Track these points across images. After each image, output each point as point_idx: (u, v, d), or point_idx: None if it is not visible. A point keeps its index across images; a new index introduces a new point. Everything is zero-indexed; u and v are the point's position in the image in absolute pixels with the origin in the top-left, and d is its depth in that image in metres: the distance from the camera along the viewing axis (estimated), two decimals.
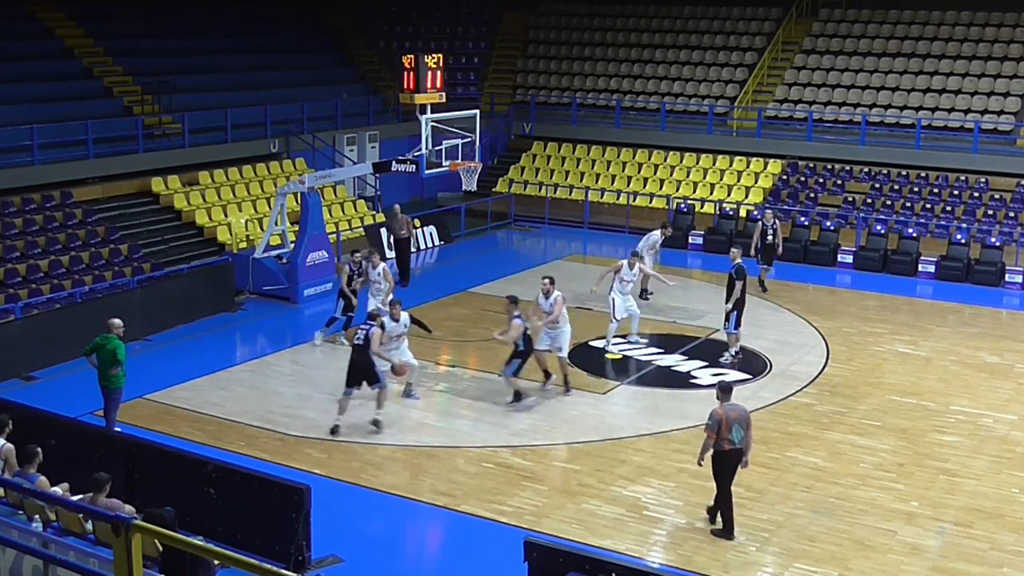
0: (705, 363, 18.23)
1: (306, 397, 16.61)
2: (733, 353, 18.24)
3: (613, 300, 18.84)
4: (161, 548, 8.65)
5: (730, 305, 18.01)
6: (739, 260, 18.23)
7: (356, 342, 15.07)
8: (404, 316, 16.11)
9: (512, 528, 12.27)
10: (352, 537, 12.27)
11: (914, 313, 21.99)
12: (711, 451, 12.09)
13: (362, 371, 14.99)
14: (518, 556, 9.95)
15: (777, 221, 22.81)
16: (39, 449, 10.50)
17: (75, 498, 10.12)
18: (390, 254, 25.90)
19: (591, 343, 19.13)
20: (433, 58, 20.73)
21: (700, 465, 12.27)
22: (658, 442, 15.00)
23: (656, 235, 22.05)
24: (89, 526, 9.64)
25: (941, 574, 11.63)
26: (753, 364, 18.25)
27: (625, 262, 19.06)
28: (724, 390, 12.32)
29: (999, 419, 16.01)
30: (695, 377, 17.63)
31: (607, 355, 18.66)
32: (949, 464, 14.38)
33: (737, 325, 18.17)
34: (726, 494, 12.15)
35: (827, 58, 31.88)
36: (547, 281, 16.85)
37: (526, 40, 36.71)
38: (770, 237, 22.42)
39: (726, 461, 12.07)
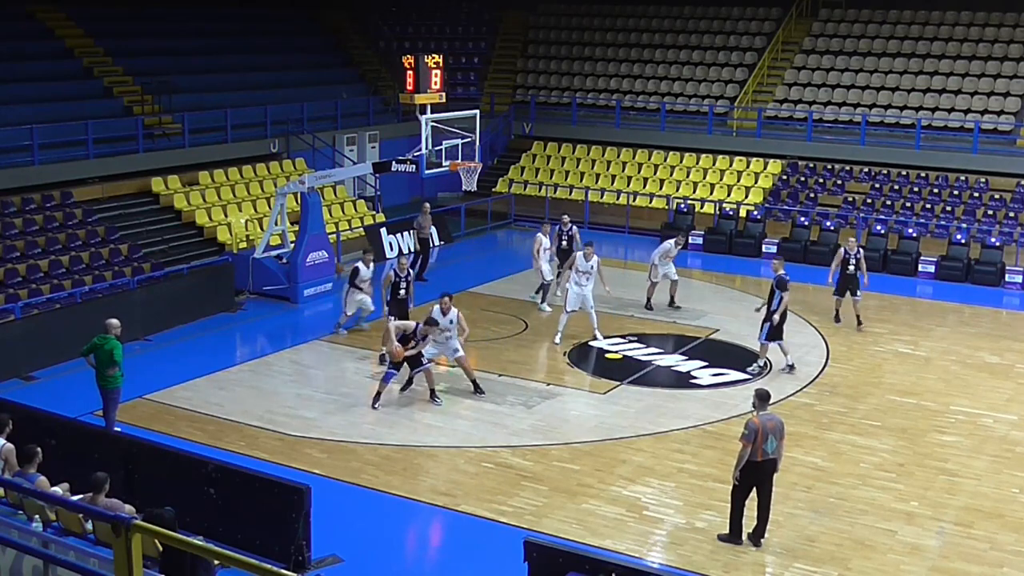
0: (705, 363, 18.23)
1: (306, 397, 16.61)
2: (788, 362, 17.73)
3: (566, 291, 18.97)
4: (161, 548, 8.64)
5: (774, 317, 17.58)
6: (782, 271, 17.79)
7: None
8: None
9: (512, 528, 12.26)
10: (352, 537, 12.26)
11: (914, 313, 21.99)
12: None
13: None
14: (518, 556, 9.94)
15: (861, 250, 20.51)
16: (39, 449, 10.49)
17: (75, 498, 10.11)
18: (391, 254, 25.95)
19: (590, 343, 19.13)
20: (433, 58, 20.74)
21: (735, 479, 11.89)
22: (658, 442, 15.00)
23: (668, 244, 21.31)
24: (89, 526, 9.63)
25: (941, 574, 11.63)
26: (753, 364, 18.25)
27: (579, 253, 19.03)
28: (762, 398, 11.95)
29: (999, 419, 16.01)
30: (695, 377, 17.63)
31: (607, 355, 18.66)
32: (949, 464, 14.38)
33: (770, 337, 17.73)
34: (740, 501, 11.99)
35: (827, 58, 31.88)
36: (447, 299, 16.52)
37: (526, 40, 36.71)
38: (851, 267, 20.16)
39: (759, 471, 11.77)
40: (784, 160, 29.69)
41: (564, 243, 22.08)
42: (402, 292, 18.19)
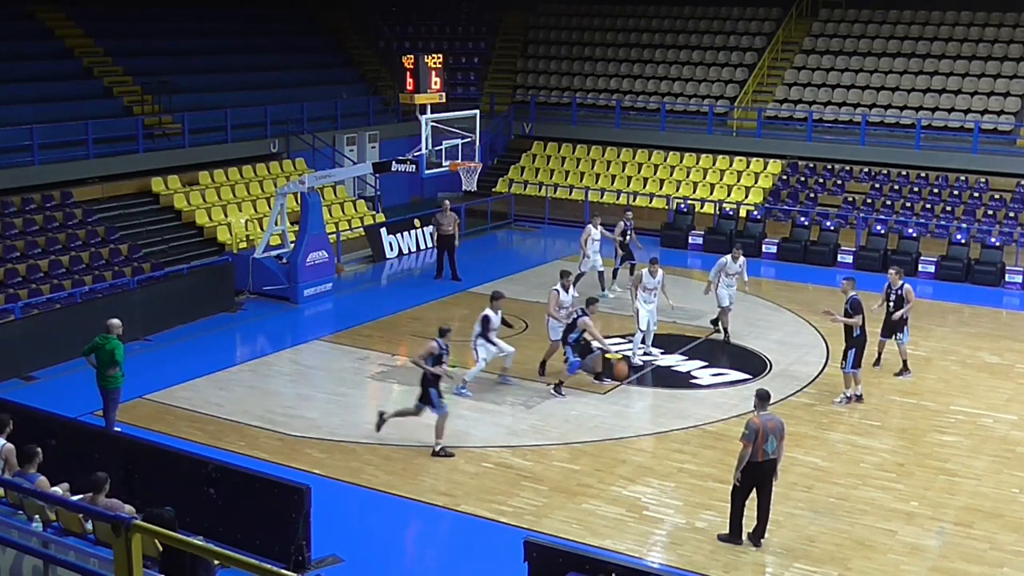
0: (705, 363, 18.22)
1: (306, 397, 16.61)
2: (847, 395, 16.39)
3: (637, 311, 18.12)
4: (161, 548, 8.64)
5: (857, 343, 16.24)
6: (852, 292, 16.43)
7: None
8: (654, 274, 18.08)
9: (512, 528, 12.27)
10: (352, 537, 12.27)
11: (914, 313, 21.83)
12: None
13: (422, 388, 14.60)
14: (518, 556, 9.95)
15: (905, 284, 17.72)
16: (39, 449, 10.49)
17: (75, 498, 10.11)
18: (390, 254, 25.95)
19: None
20: (433, 58, 20.74)
21: (736, 480, 11.88)
22: (658, 442, 15.01)
23: (724, 259, 19.31)
24: (89, 526, 9.63)
25: (941, 574, 11.63)
26: (753, 364, 18.26)
27: (646, 270, 18.35)
28: (762, 398, 11.95)
29: (999, 419, 16.01)
30: (695, 377, 17.63)
31: (606, 355, 18.61)
32: (949, 464, 14.39)
33: (856, 365, 16.37)
34: (740, 501, 11.99)
35: (827, 58, 31.88)
36: (571, 277, 17.75)
37: (526, 40, 36.71)
38: (891, 303, 17.62)
39: (759, 471, 11.77)
40: (784, 160, 29.69)
41: (626, 237, 22.41)
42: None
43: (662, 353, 18.71)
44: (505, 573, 10.48)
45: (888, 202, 27.47)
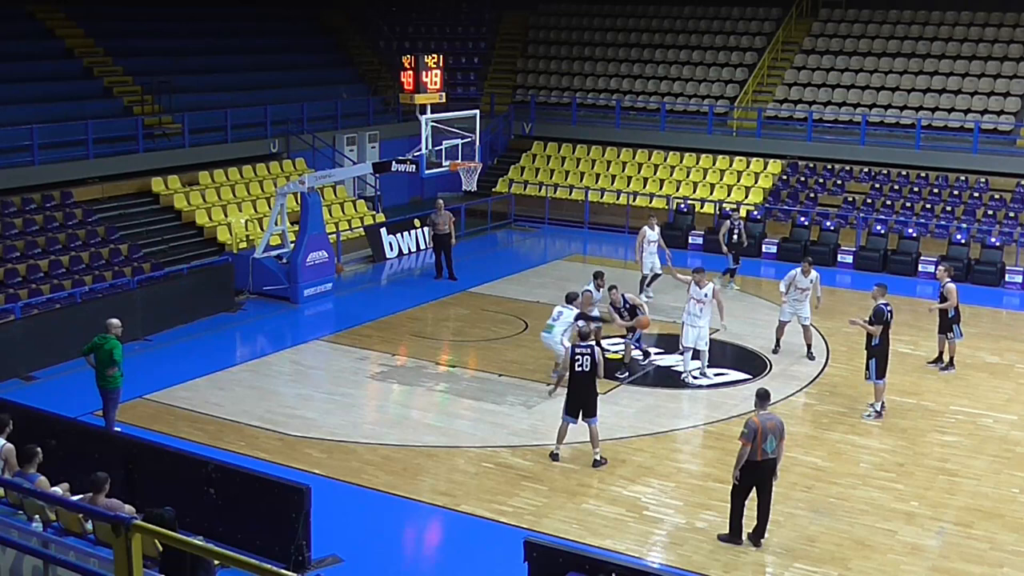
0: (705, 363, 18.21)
1: (306, 397, 16.61)
2: (877, 409, 15.88)
3: (683, 324, 17.31)
4: (161, 548, 8.65)
5: (876, 352, 15.76)
6: (881, 300, 15.84)
7: (580, 369, 13.83)
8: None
9: (512, 528, 12.27)
10: (352, 537, 12.27)
11: (914, 313, 21.91)
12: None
13: (584, 400, 14.05)
14: (518, 556, 9.94)
15: (948, 283, 17.77)
16: (39, 449, 10.50)
17: (75, 498, 10.12)
18: (390, 254, 25.94)
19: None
20: (433, 58, 20.75)
21: (735, 479, 11.87)
22: (658, 442, 15.01)
23: (793, 272, 18.42)
24: (89, 526, 9.64)
25: (941, 574, 11.63)
26: (753, 364, 18.26)
27: (692, 282, 17.29)
28: (762, 397, 11.93)
29: (999, 419, 16.01)
30: (696, 377, 17.61)
31: (607, 355, 18.58)
32: (949, 464, 14.39)
33: (879, 375, 15.85)
34: (739, 501, 11.99)
35: (827, 58, 31.88)
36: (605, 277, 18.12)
37: (526, 40, 36.71)
38: (936, 302, 18.04)
39: (759, 471, 11.76)
40: (784, 160, 29.69)
41: (736, 237, 22.83)
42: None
43: (662, 353, 18.69)
44: (505, 573, 10.48)
45: (888, 202, 27.47)
